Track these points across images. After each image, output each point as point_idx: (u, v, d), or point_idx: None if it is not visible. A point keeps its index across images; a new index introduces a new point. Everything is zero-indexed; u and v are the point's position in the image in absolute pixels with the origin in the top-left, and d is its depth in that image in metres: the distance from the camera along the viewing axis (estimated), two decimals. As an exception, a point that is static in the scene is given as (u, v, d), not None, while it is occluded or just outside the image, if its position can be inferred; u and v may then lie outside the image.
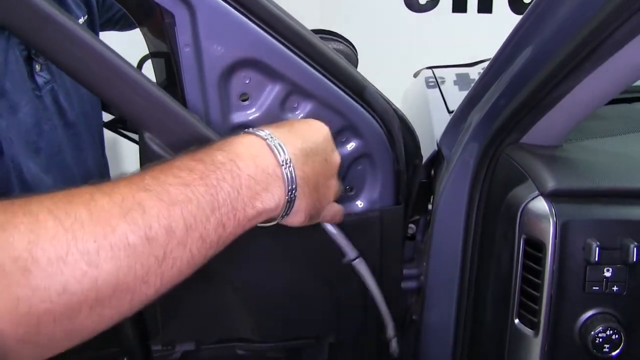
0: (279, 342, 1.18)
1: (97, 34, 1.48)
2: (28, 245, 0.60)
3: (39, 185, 1.24)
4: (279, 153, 0.85)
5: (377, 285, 1.15)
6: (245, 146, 0.84)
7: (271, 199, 0.83)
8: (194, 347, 1.19)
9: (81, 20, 1.37)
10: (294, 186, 0.85)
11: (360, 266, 1.12)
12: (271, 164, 0.84)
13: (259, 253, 1.07)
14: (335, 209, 1.04)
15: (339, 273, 1.13)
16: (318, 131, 0.97)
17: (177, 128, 0.95)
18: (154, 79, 1.13)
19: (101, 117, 1.56)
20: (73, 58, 0.89)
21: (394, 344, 1.22)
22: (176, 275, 0.73)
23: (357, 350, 1.25)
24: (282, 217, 0.88)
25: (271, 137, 0.86)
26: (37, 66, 1.24)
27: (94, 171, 1.45)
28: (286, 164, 0.85)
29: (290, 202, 0.86)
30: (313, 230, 1.07)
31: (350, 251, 1.10)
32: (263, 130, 0.87)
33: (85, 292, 0.63)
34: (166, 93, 0.95)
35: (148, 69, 1.22)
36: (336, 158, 0.98)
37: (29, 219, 0.62)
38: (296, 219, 0.91)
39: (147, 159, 0.96)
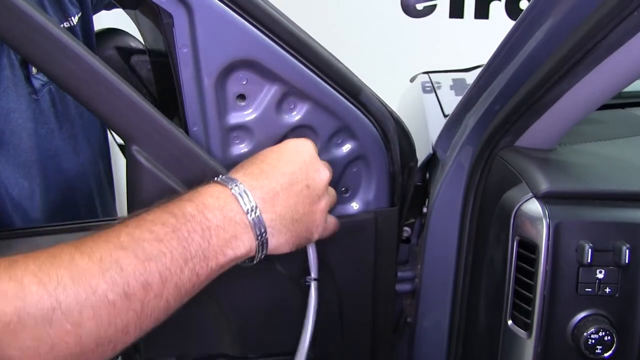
0: (259, 357, 1.18)
1: (92, 29, 1.47)
2: (15, 310, 0.66)
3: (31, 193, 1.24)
4: (244, 202, 0.86)
5: (314, 317, 1.11)
6: (213, 197, 0.86)
7: (241, 245, 0.86)
8: None
9: (76, 18, 1.37)
10: (263, 230, 0.87)
11: (313, 289, 1.09)
12: (237, 212, 0.86)
13: (239, 269, 1.06)
14: (331, 224, 1.05)
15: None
16: (296, 157, 0.96)
17: (163, 141, 0.96)
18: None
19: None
20: (59, 67, 0.89)
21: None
22: (154, 322, 0.79)
23: None
24: (260, 257, 0.90)
25: (236, 185, 0.88)
26: (33, 69, 1.24)
27: (91, 175, 1.44)
28: (252, 210, 0.86)
29: (262, 244, 0.88)
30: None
31: (315, 271, 1.09)
32: (230, 178, 0.90)
33: (71, 348, 0.70)
34: (153, 106, 0.95)
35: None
36: (322, 176, 0.98)
37: (14, 285, 0.68)
38: (280, 251, 0.93)
39: (134, 171, 0.97)
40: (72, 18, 1.35)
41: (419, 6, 4.19)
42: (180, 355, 1.18)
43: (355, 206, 1.18)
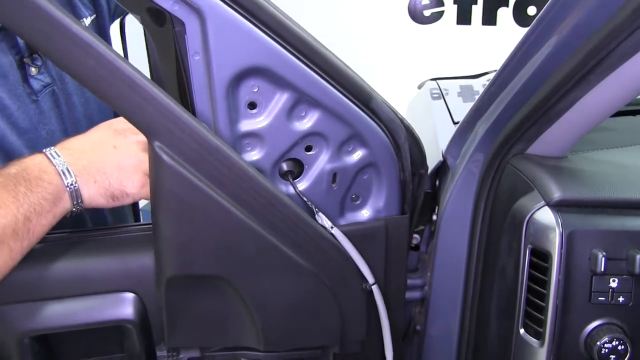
0: (284, 352, 1.18)
1: (107, 33, 1.48)
2: None
3: None
4: (53, 157, 1.04)
5: (387, 320, 1.17)
6: (32, 160, 1.04)
7: (55, 190, 1.02)
8: (198, 354, 1.19)
9: (88, 20, 1.37)
10: (71, 176, 1.04)
11: (377, 293, 1.15)
12: (49, 165, 1.04)
13: (265, 262, 1.07)
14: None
15: (343, 285, 1.14)
16: (106, 126, 1.14)
17: (186, 137, 0.96)
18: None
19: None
20: (80, 64, 0.90)
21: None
22: (2, 266, 0.97)
23: None
24: (79, 204, 1.06)
25: (50, 150, 1.06)
26: (32, 69, 1.24)
27: None
28: (60, 164, 1.04)
29: (74, 192, 1.04)
30: (321, 242, 1.09)
31: (369, 276, 1.13)
32: (49, 148, 1.07)
33: None
34: (175, 101, 0.95)
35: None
36: (130, 140, 1.10)
37: None
38: (96, 202, 1.08)
39: (157, 167, 0.97)
40: (84, 20, 1.36)
41: (427, 12, 4.20)
42: (204, 347, 1.19)
43: (365, 214, 1.18)
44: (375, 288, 1.14)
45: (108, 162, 1.08)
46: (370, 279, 1.13)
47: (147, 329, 1.13)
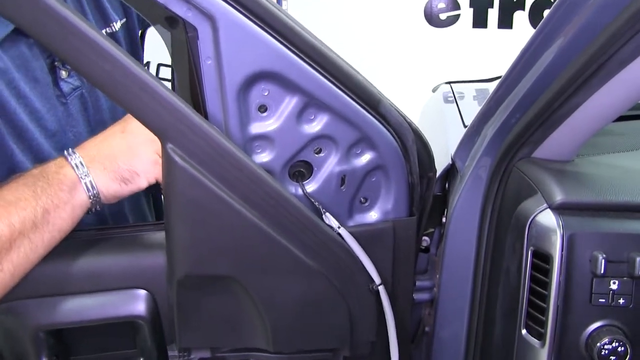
0: (295, 354, 1.20)
1: (137, 37, 1.50)
2: None
3: None
4: (68, 154, 1.10)
5: (392, 320, 1.19)
6: (53, 160, 1.10)
7: (70, 182, 1.07)
8: (209, 354, 1.21)
9: (118, 24, 1.40)
10: (83, 166, 1.09)
11: (383, 293, 1.16)
12: (64, 161, 1.09)
13: (275, 263, 1.10)
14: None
15: (351, 286, 1.15)
16: (113, 125, 1.18)
17: (198, 139, 0.99)
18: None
19: None
20: (95, 67, 0.93)
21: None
22: (24, 260, 1.02)
23: None
24: (95, 195, 1.10)
25: (69, 150, 1.11)
26: (62, 73, 1.27)
27: None
28: (72, 156, 1.10)
29: (88, 183, 1.09)
30: (329, 243, 1.11)
31: (376, 276, 1.15)
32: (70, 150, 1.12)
33: None
34: (188, 104, 0.98)
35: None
36: (136, 125, 1.10)
37: None
38: (112, 189, 1.11)
39: (169, 168, 1.00)
40: (114, 24, 1.38)
41: (443, 16, 4.21)
42: (214, 347, 1.21)
43: (374, 215, 1.20)
44: (381, 288, 1.16)
45: (115, 146, 1.13)
46: (376, 279, 1.15)
47: (159, 325, 1.15)
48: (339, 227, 1.12)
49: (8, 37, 1.15)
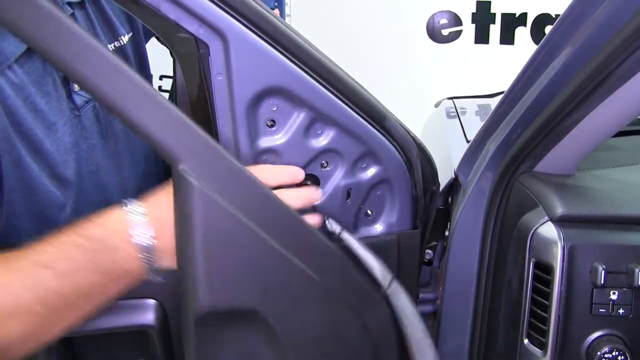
0: None
1: (144, 50, 1.52)
2: None
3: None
4: (139, 229, 0.97)
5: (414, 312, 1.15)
6: (117, 222, 0.98)
7: (134, 263, 0.97)
8: None
9: (125, 38, 1.42)
10: (151, 253, 0.97)
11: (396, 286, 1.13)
12: (130, 236, 0.97)
13: (296, 289, 1.05)
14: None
15: (368, 303, 1.13)
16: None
17: (211, 160, 0.95)
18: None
19: None
20: (104, 85, 0.90)
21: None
22: (72, 323, 0.98)
23: None
24: (152, 261, 0.98)
25: (137, 214, 0.98)
26: (75, 86, 1.28)
27: (133, 192, 1.46)
28: (143, 236, 0.97)
29: (151, 265, 0.98)
30: (345, 266, 1.09)
31: (384, 273, 1.12)
32: (135, 205, 1.00)
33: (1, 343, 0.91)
34: (198, 125, 0.95)
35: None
36: None
37: None
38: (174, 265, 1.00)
39: (183, 191, 0.95)
40: (122, 38, 1.40)
41: (445, 32, 4.23)
42: None
43: (378, 228, 1.22)
44: (394, 283, 1.12)
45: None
46: (385, 277, 1.12)
47: (168, 334, 1.16)
48: (341, 231, 1.12)
49: (23, 52, 1.17)
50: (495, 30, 4.19)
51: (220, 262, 0.97)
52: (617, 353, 1.00)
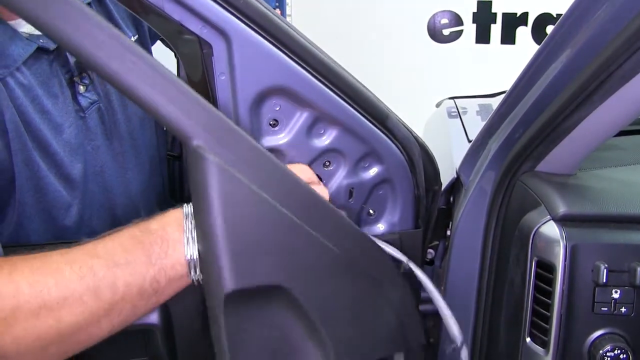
0: None
1: (150, 52, 1.52)
2: (11, 307, 0.84)
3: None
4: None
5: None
6: (174, 217, 0.97)
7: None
8: None
9: (132, 40, 1.42)
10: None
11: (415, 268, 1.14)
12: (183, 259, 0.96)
13: (320, 263, 1.01)
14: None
15: (390, 276, 1.13)
16: None
17: (228, 138, 0.91)
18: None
19: (153, 137, 1.54)
20: (126, 72, 0.86)
21: (463, 355, 1.17)
22: (124, 319, 0.94)
23: None
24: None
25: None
26: (80, 87, 1.29)
27: (138, 192, 1.47)
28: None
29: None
30: (363, 240, 1.08)
31: (399, 255, 1.13)
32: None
33: (52, 337, 0.88)
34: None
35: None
36: None
37: (12, 286, 0.85)
38: None
39: (201, 168, 0.89)
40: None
41: (446, 31, 4.24)
42: None
43: (380, 227, 1.22)
44: (412, 264, 1.13)
45: None
46: (401, 257, 1.12)
47: (171, 333, 1.17)
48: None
49: (31, 55, 1.18)
50: (496, 30, 4.19)
51: (244, 238, 0.93)
52: (619, 351, 1.00)
